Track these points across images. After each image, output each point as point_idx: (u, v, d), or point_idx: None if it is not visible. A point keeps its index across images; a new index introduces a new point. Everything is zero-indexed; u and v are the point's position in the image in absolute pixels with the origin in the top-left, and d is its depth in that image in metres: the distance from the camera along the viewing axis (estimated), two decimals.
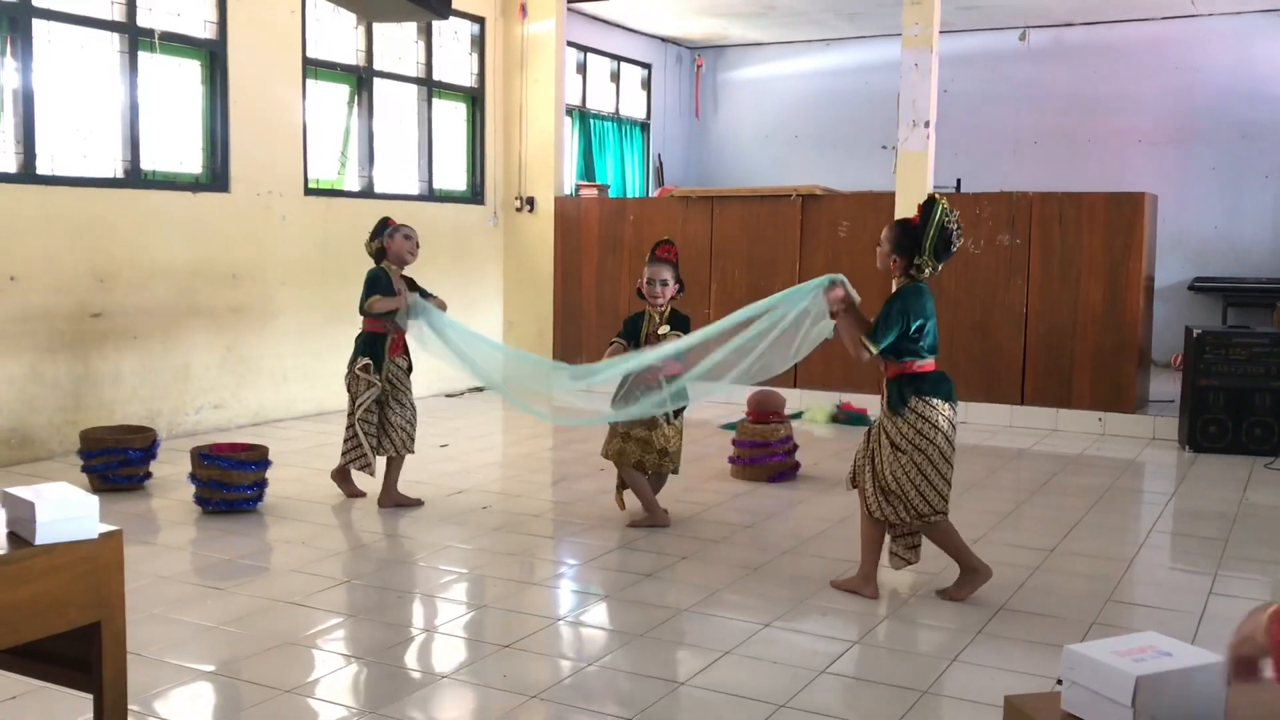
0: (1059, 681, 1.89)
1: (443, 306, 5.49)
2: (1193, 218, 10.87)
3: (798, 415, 8.13)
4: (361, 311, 5.52)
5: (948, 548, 4.30)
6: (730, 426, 7.18)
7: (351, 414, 5.53)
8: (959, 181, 10.39)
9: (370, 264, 5.58)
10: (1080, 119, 11.39)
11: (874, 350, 4.12)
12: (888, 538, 4.37)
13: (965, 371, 8.35)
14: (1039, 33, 11.47)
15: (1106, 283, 8.02)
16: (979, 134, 11.56)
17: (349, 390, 5.58)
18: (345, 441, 5.60)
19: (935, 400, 4.16)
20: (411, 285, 5.60)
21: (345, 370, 5.64)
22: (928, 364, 4.20)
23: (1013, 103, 11.69)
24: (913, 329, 4.12)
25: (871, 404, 7.49)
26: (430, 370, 5.86)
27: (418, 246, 5.58)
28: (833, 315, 4.22)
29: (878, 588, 4.34)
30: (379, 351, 5.53)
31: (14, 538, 2.26)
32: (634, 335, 5.29)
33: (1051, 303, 8.17)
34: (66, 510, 2.27)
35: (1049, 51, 11.50)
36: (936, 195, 4.21)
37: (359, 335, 5.60)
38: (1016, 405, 8.29)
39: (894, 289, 4.27)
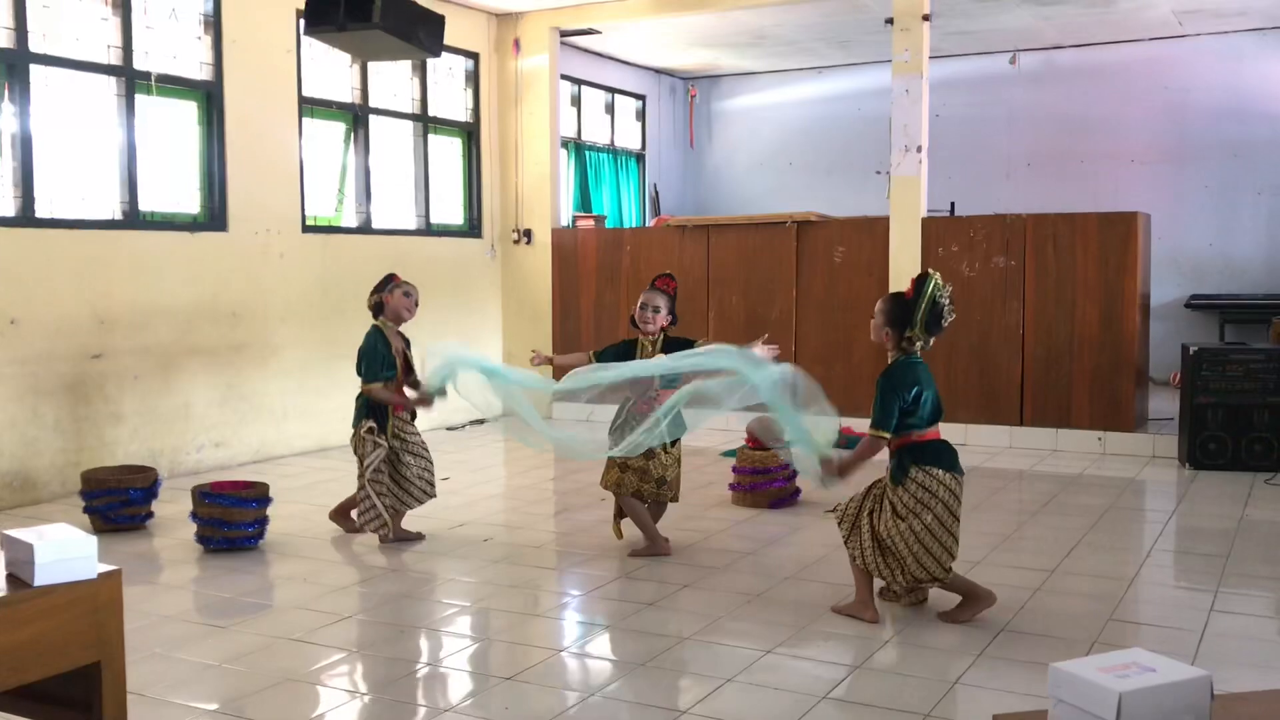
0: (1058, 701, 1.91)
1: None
2: (1187, 236, 10.92)
3: None
4: (366, 385, 5.48)
5: (949, 588, 4.33)
6: (730, 454, 7.19)
7: (361, 475, 5.52)
8: (953, 205, 10.45)
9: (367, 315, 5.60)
10: (1072, 140, 11.46)
11: (888, 435, 4.20)
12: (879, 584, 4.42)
13: (964, 394, 8.38)
14: (1029, 56, 11.56)
15: (1102, 302, 8.05)
16: (972, 157, 11.63)
17: (355, 452, 5.57)
18: (360, 503, 5.56)
19: (936, 470, 4.20)
20: (407, 343, 5.62)
21: (351, 421, 5.58)
22: (930, 433, 4.24)
23: (1005, 126, 11.77)
24: (909, 403, 4.17)
25: None
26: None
27: (416, 305, 5.60)
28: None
29: (877, 611, 4.34)
30: (382, 413, 5.53)
31: (13, 579, 2.27)
32: (618, 359, 5.28)
33: (1048, 324, 8.20)
34: (65, 551, 2.28)
35: (1040, 74, 11.58)
36: (930, 271, 4.28)
37: (360, 397, 5.57)
38: (1016, 426, 8.30)
39: (889, 360, 4.31)
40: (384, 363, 5.47)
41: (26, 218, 6.49)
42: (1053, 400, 8.21)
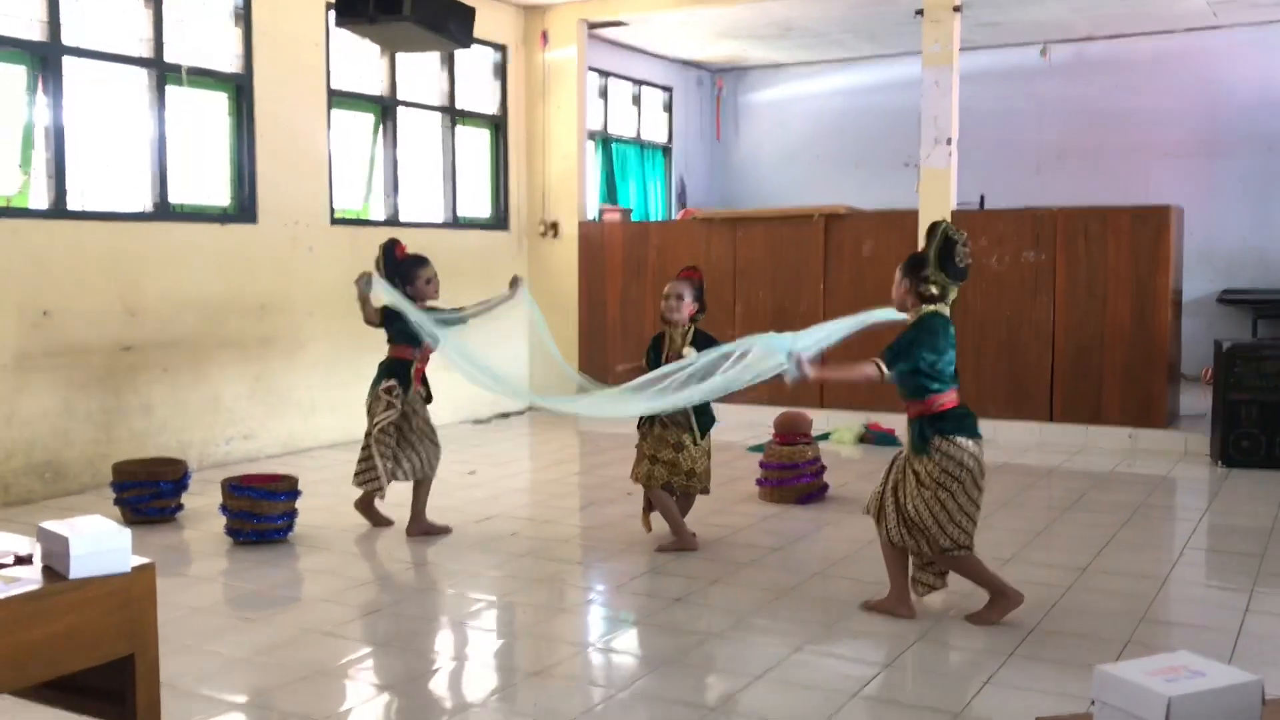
0: (1094, 702, 1.88)
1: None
2: (1220, 230, 10.78)
3: (825, 436, 8.10)
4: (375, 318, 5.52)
5: (974, 578, 4.27)
6: (757, 448, 7.16)
7: (368, 434, 5.56)
8: (982, 198, 10.35)
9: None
10: (1104, 133, 11.34)
11: (885, 371, 4.09)
12: (911, 564, 4.35)
13: (993, 389, 8.31)
14: (1060, 48, 11.44)
15: (1134, 297, 7.96)
16: (1002, 150, 11.52)
17: (369, 411, 5.61)
18: (360, 463, 5.60)
19: (959, 438, 4.13)
20: (434, 315, 5.64)
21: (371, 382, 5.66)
22: (949, 398, 4.16)
23: (1035, 118, 11.66)
24: (925, 366, 4.09)
25: (899, 423, 7.44)
26: (456, 397, 5.89)
27: (437, 284, 5.63)
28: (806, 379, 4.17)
29: (913, 607, 4.31)
30: (405, 376, 5.56)
31: (49, 572, 2.28)
32: (655, 357, 5.30)
33: (1078, 319, 8.12)
34: (100, 544, 2.29)
35: (1071, 66, 11.46)
36: (943, 219, 4.22)
37: (383, 361, 5.63)
38: (1045, 423, 8.23)
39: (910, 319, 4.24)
40: (404, 325, 5.43)
41: (59, 210, 6.53)
42: (1083, 396, 8.14)
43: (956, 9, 8.42)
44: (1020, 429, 8.25)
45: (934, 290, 4.13)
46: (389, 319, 5.52)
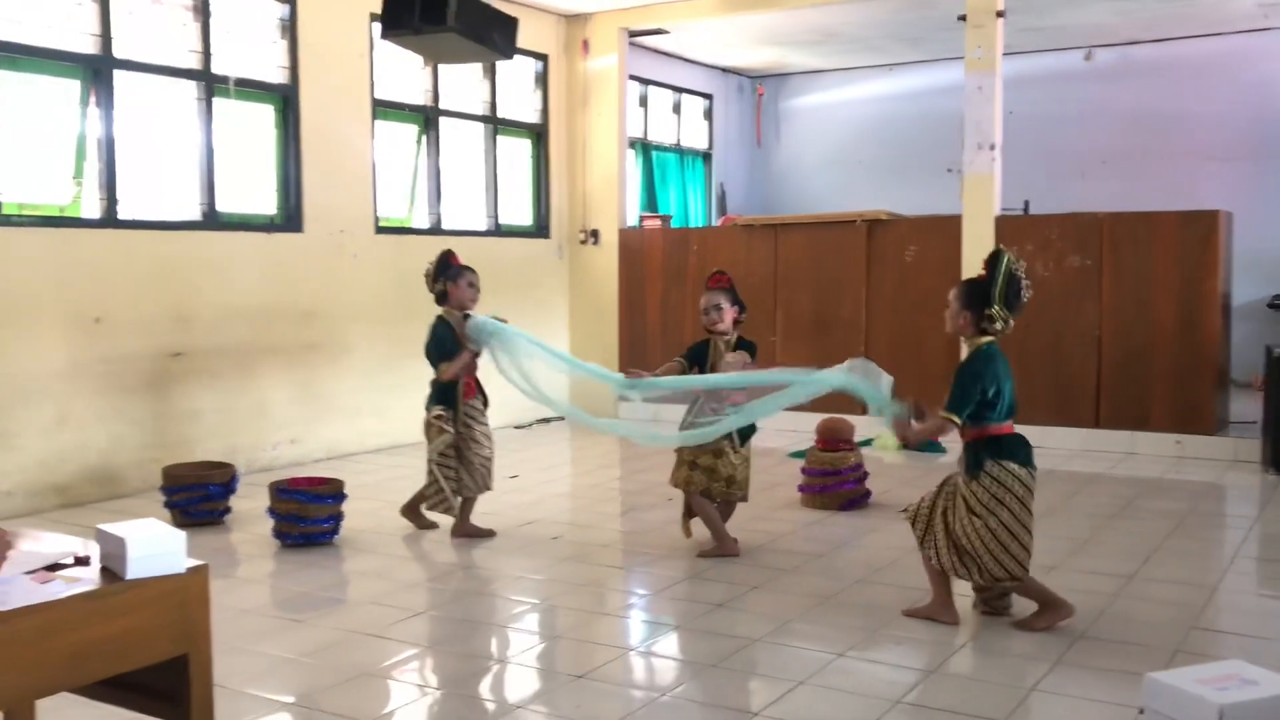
0: (1141, 711, 1.87)
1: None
2: (1270, 234, 10.61)
3: (868, 442, 8.06)
4: (438, 373, 5.60)
5: (1026, 594, 4.26)
6: (799, 454, 7.15)
7: (429, 459, 5.62)
8: (1026, 203, 10.28)
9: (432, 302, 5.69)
10: (1150, 137, 11.21)
11: (959, 421, 4.14)
12: (973, 593, 4.36)
13: (1038, 395, 8.23)
14: (1105, 51, 11.34)
15: (1181, 302, 7.86)
16: (1046, 155, 11.43)
17: (425, 435, 5.67)
18: (427, 485, 5.67)
19: (1011, 464, 4.13)
20: (467, 319, 5.70)
21: (419, 409, 5.73)
22: (1005, 427, 4.17)
23: (1080, 123, 11.55)
24: (989, 395, 4.10)
25: None
26: (500, 403, 5.93)
27: (479, 291, 5.69)
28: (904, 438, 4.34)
29: (956, 613, 4.29)
30: (451, 399, 5.61)
31: (106, 573, 2.33)
32: (700, 361, 5.32)
33: (1125, 324, 8.03)
34: (155, 546, 2.34)
35: (1116, 70, 11.36)
36: (1002, 247, 4.23)
37: (432, 382, 5.67)
38: (1091, 429, 8.15)
39: (963, 353, 4.25)
40: (451, 351, 5.54)
41: (110, 219, 6.66)
42: (1129, 402, 8.04)
43: (1000, 14, 8.37)
44: (1065, 435, 8.17)
45: (997, 326, 4.15)
46: (434, 346, 5.57)
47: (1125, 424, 8.05)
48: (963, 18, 8.55)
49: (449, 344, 5.56)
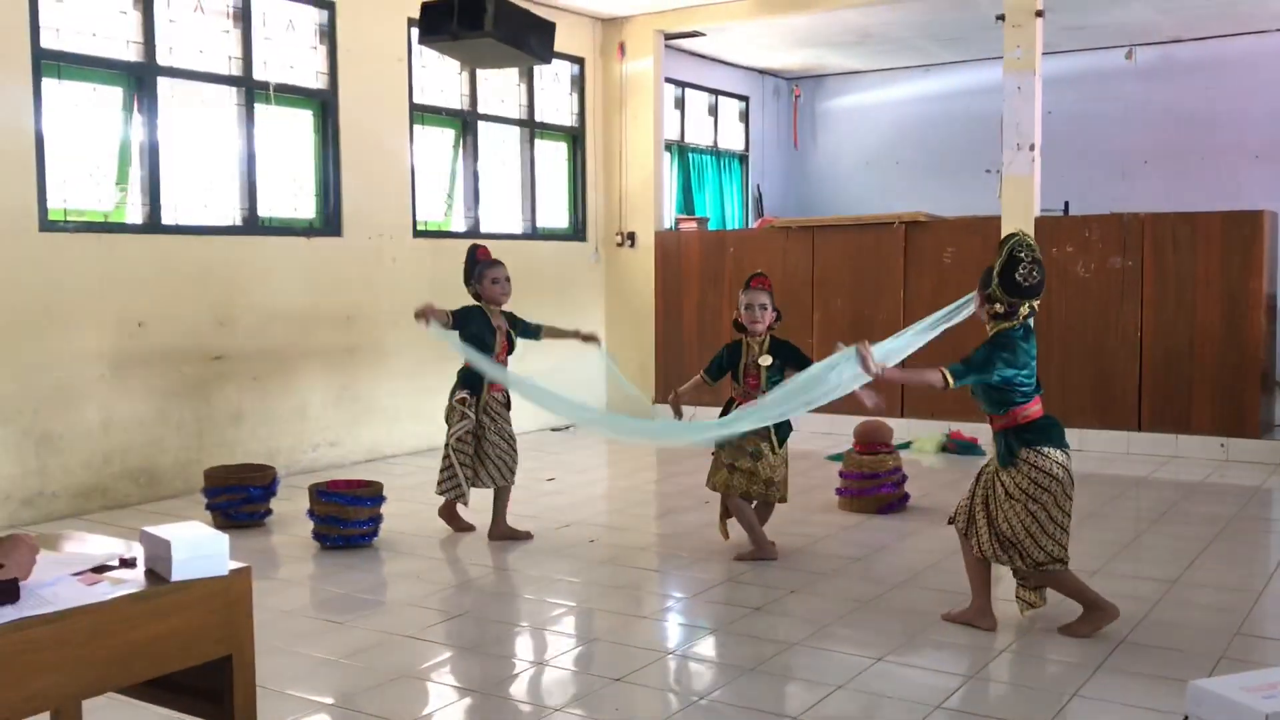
0: (1185, 718, 1.85)
1: (539, 332, 5.79)
2: None
3: (906, 445, 8.02)
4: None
5: (1069, 592, 4.21)
6: (836, 458, 7.12)
7: (447, 444, 5.66)
8: (1066, 204, 10.18)
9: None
10: (1192, 137, 11.06)
11: (951, 382, 4.04)
12: (1014, 583, 4.30)
13: (1079, 398, 8.16)
14: (1146, 50, 11.19)
15: (1225, 303, 7.76)
16: (1086, 155, 11.31)
17: (446, 420, 5.72)
18: (441, 472, 5.71)
19: (1046, 449, 4.08)
20: (512, 321, 5.73)
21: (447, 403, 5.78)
22: (1034, 409, 4.12)
23: (1120, 122, 11.41)
24: (1005, 378, 4.03)
25: (981, 432, 7.36)
26: (534, 406, 5.95)
27: (508, 281, 5.71)
28: (875, 377, 4.17)
29: (995, 619, 4.26)
30: (478, 385, 5.66)
31: (151, 574, 2.36)
32: (732, 365, 5.33)
33: (1167, 326, 7.94)
34: (199, 548, 2.37)
35: (1157, 69, 11.21)
36: (1017, 230, 4.17)
37: (460, 369, 5.73)
38: (1134, 431, 8.06)
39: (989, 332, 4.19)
40: (476, 332, 5.55)
41: (153, 225, 6.75)
42: (1172, 405, 7.95)
43: (1039, 13, 8.30)
44: (1107, 438, 8.09)
45: (999, 309, 4.08)
46: (460, 326, 5.58)
47: (1168, 427, 7.96)
48: (1001, 17, 8.49)
49: (478, 325, 5.56)
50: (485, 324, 5.63)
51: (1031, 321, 4.15)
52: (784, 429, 5.29)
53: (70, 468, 6.29)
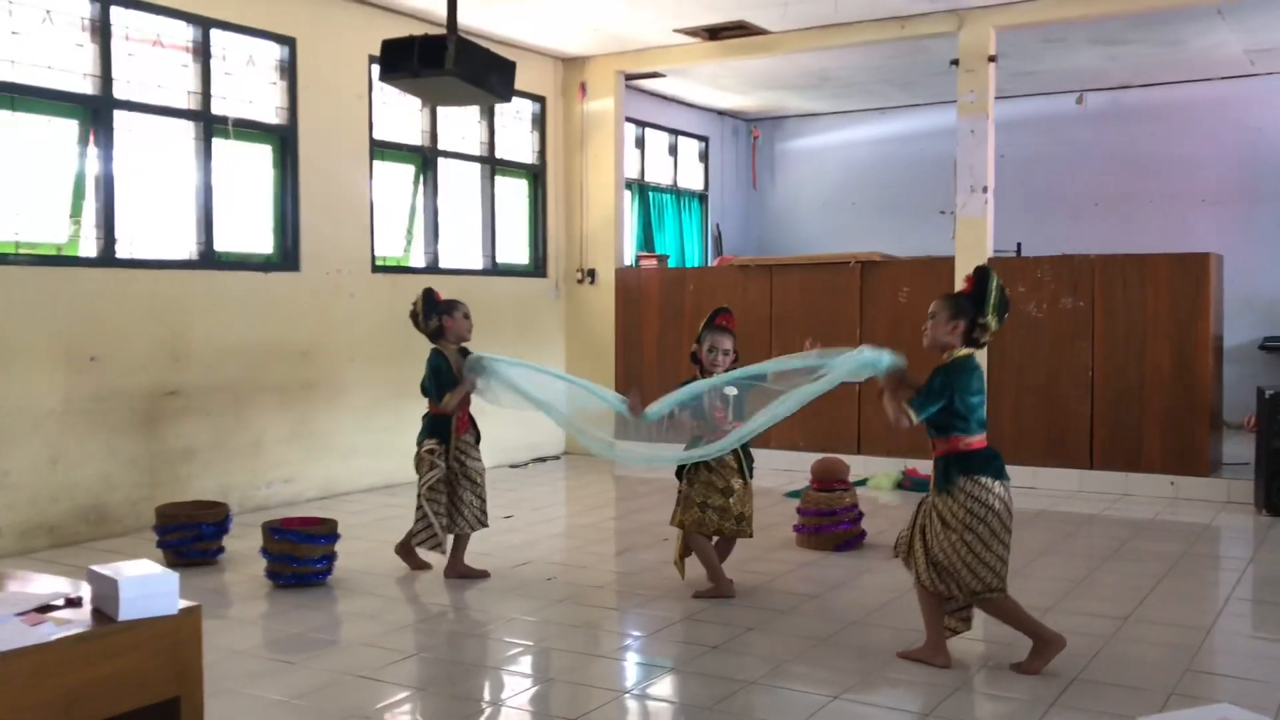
0: None
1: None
2: (1261, 277, 10.68)
3: (863, 482, 8.07)
4: (439, 404, 5.59)
5: (1012, 622, 4.24)
6: (795, 494, 7.15)
7: (419, 494, 5.62)
8: (1019, 245, 10.33)
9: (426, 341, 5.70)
10: (1141, 180, 11.31)
11: (914, 419, 4.12)
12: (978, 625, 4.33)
13: (1031, 436, 8.26)
14: (1096, 95, 11.46)
15: (1174, 344, 7.91)
16: (1038, 198, 11.52)
17: (416, 470, 5.67)
18: (416, 523, 5.66)
19: (984, 479, 4.12)
20: (464, 353, 5.72)
21: (415, 448, 5.73)
22: (976, 440, 4.17)
23: (1071, 166, 11.65)
24: (959, 405, 4.10)
25: None
26: (494, 442, 5.94)
27: (472, 323, 5.72)
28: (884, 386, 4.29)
29: (949, 656, 4.28)
30: (444, 432, 5.62)
31: (98, 614, 2.33)
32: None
33: (1118, 365, 8.07)
34: (148, 587, 2.34)
35: (1106, 114, 11.47)
36: (988, 264, 4.28)
37: (425, 416, 5.68)
38: (1085, 469, 8.16)
39: (944, 360, 4.24)
40: (449, 383, 5.55)
41: (108, 258, 6.68)
42: (1123, 443, 8.06)
43: (991, 59, 8.48)
44: (1059, 475, 8.18)
45: (986, 335, 4.17)
46: (432, 378, 5.57)
47: (1119, 465, 8.07)
48: (955, 62, 8.66)
49: (447, 376, 5.57)
50: (448, 367, 5.59)
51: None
52: (749, 460, 5.33)
53: (16, 504, 6.17)
